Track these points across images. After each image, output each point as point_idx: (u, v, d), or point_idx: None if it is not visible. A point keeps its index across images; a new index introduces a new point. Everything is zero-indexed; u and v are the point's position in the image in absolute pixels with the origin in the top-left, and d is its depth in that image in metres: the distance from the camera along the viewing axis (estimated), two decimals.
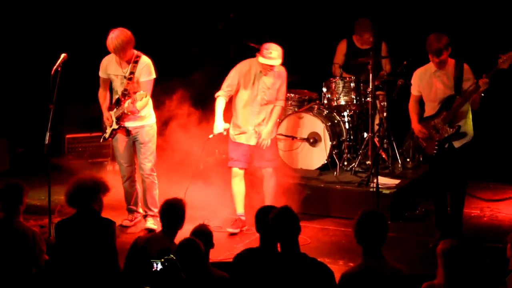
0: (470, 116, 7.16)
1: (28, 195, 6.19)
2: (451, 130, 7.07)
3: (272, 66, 7.70)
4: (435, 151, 7.17)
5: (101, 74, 7.84)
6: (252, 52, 9.30)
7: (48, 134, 7.43)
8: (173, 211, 5.79)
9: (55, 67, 7.50)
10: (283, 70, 7.90)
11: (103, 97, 7.87)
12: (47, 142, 7.42)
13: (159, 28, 10.33)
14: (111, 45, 7.52)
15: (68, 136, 10.04)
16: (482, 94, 6.91)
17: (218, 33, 9.57)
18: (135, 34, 7.83)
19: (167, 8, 10.52)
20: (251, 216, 5.76)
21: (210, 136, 7.97)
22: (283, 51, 7.73)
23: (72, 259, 5.72)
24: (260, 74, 7.80)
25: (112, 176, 9.18)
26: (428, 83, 7.15)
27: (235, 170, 7.97)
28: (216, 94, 7.88)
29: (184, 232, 6.12)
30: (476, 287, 4.93)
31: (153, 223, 7.81)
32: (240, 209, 8.00)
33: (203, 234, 5.51)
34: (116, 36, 7.50)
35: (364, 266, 4.97)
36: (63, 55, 7.58)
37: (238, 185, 7.98)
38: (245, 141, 7.90)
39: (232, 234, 7.83)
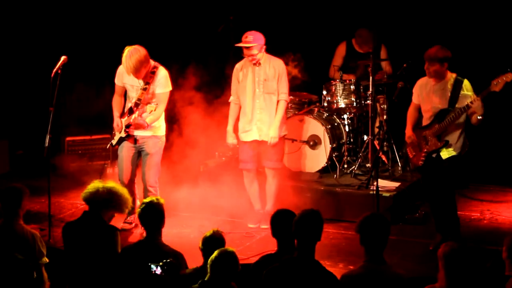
0: (463, 132, 7.13)
1: (28, 198, 6.20)
2: (440, 144, 7.09)
3: (249, 49, 7.73)
4: (421, 162, 7.20)
5: (117, 82, 7.77)
6: None
7: (48, 136, 7.43)
8: (151, 212, 5.68)
9: (55, 69, 7.50)
10: (280, 62, 7.94)
11: (118, 104, 7.79)
12: (47, 144, 7.41)
13: (158, 30, 10.33)
14: (125, 65, 7.41)
15: (68, 138, 10.03)
16: (480, 117, 6.88)
17: (218, 36, 9.57)
18: (135, 37, 7.83)
19: (167, 11, 10.52)
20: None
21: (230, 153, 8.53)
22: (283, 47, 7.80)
23: (76, 260, 5.74)
24: (253, 67, 7.85)
25: (112, 178, 9.23)
26: (427, 95, 7.18)
27: (245, 172, 8.08)
28: (229, 100, 8.09)
29: (190, 235, 6.13)
30: None
31: None
32: (257, 205, 8.13)
33: (217, 242, 5.36)
34: (129, 55, 7.36)
35: (364, 269, 4.97)
36: (63, 58, 7.57)
37: (251, 186, 8.13)
38: (249, 138, 7.95)
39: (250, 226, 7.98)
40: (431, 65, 7.02)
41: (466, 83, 7.04)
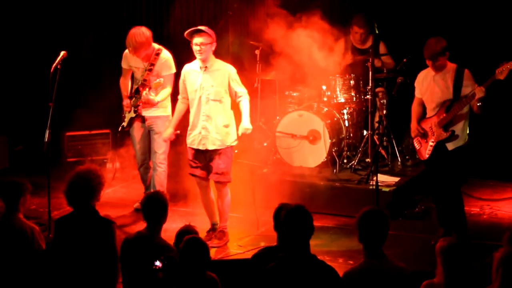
0: (467, 122, 7.15)
1: (30, 193, 6.22)
2: (446, 134, 7.11)
3: (200, 35, 7.17)
4: (427, 155, 7.21)
5: (124, 65, 8.15)
6: (251, 51, 9.28)
7: (47, 131, 7.45)
8: (155, 204, 5.68)
9: (54, 64, 7.51)
10: (228, 67, 7.34)
11: (125, 85, 8.19)
12: (46, 139, 7.44)
13: (157, 27, 10.32)
14: (127, 43, 7.84)
15: (67, 133, 10.03)
16: (479, 103, 6.90)
17: (217, 32, 9.55)
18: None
19: (166, 7, 10.51)
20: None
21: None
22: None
23: (69, 257, 5.68)
24: (200, 72, 7.27)
25: (111, 175, 9.26)
26: (429, 86, 7.18)
27: (196, 179, 7.48)
28: (178, 97, 7.62)
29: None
30: (476, 286, 4.92)
31: None
32: (212, 219, 7.61)
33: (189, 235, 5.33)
34: (133, 34, 7.80)
35: (366, 264, 4.97)
36: (62, 53, 7.59)
37: (203, 197, 7.57)
38: (195, 146, 7.39)
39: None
40: (436, 61, 6.98)
41: (466, 72, 7.04)
